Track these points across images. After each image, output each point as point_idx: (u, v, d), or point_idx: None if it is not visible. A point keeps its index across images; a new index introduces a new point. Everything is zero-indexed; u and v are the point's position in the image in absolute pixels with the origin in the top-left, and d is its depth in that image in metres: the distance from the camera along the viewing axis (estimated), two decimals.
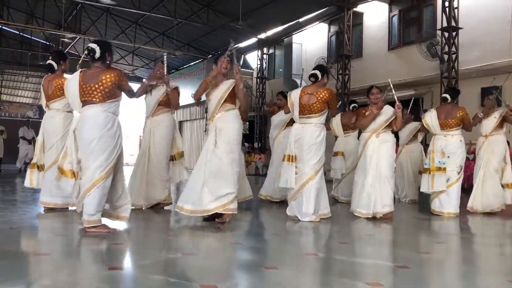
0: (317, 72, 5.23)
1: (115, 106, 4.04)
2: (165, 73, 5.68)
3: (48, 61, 5.37)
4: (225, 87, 4.78)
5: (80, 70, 4.15)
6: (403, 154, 7.88)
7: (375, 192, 5.46)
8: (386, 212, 5.48)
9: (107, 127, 3.92)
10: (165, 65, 5.68)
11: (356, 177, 5.73)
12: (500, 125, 6.50)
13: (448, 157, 5.98)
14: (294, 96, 5.26)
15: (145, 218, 5.16)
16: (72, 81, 4.10)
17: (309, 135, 5.09)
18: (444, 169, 5.95)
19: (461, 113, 6.06)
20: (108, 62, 4.10)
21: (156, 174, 5.65)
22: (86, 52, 4.02)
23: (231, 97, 4.78)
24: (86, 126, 3.94)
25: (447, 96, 6.24)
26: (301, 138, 5.11)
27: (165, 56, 5.79)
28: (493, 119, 6.51)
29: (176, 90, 5.81)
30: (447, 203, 5.96)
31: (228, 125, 4.68)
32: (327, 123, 7.11)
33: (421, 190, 6.28)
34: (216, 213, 4.57)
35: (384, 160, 5.53)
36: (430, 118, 6.19)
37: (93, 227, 3.92)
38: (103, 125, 3.91)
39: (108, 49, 4.09)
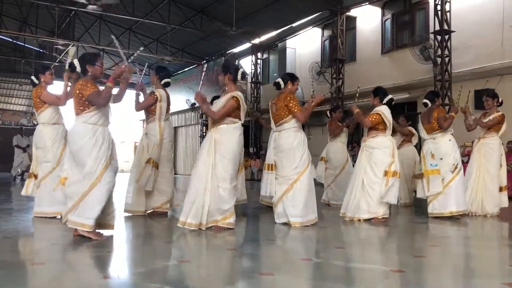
0: (280, 80, 5.33)
1: (94, 116, 4.02)
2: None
3: (31, 77, 5.56)
4: (224, 100, 4.74)
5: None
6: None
7: (360, 196, 5.57)
8: (373, 217, 5.53)
9: (80, 137, 3.99)
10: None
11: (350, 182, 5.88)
12: (495, 129, 6.51)
13: (441, 159, 6.02)
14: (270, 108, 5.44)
15: (140, 225, 5.14)
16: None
17: (284, 140, 5.13)
18: (438, 170, 5.98)
19: (435, 114, 6.13)
20: (90, 73, 4.13)
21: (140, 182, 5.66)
22: (69, 69, 4.31)
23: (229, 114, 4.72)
24: (69, 139, 4.13)
25: (427, 101, 6.36)
26: (279, 145, 5.17)
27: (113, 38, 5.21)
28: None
29: (151, 94, 5.73)
30: (447, 203, 5.95)
31: (225, 138, 4.64)
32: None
33: (418, 196, 6.31)
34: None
35: (369, 166, 5.61)
36: (419, 124, 6.33)
37: (86, 231, 3.94)
38: (77, 136, 4.00)
39: (87, 62, 4.14)
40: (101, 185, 3.94)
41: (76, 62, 4.15)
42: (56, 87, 5.70)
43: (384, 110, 5.72)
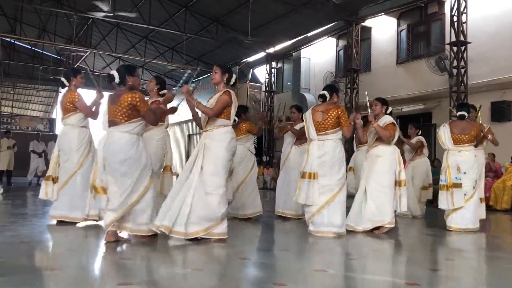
0: (325, 92, 5.33)
1: (138, 127, 4.20)
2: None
3: (61, 78, 5.57)
4: (215, 97, 4.59)
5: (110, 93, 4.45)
6: (408, 169, 7.85)
7: (362, 206, 5.53)
8: (376, 227, 5.49)
9: (133, 148, 4.12)
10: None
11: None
12: (480, 141, 6.40)
13: (465, 173, 5.89)
14: (308, 116, 5.34)
15: None
16: (105, 103, 4.46)
17: (332, 151, 5.15)
18: (461, 184, 5.87)
19: (474, 131, 5.98)
20: (130, 83, 4.25)
21: None
22: (107, 79, 4.30)
23: (222, 112, 4.50)
24: (110, 150, 4.14)
25: (465, 113, 6.11)
26: (324, 155, 5.14)
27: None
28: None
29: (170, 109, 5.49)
30: (466, 218, 5.86)
31: (215, 144, 4.43)
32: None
33: (441, 207, 6.05)
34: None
35: (372, 175, 5.57)
36: (444, 133, 6.08)
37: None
38: (127, 147, 4.10)
39: (128, 72, 4.28)
40: (150, 192, 4.23)
41: (115, 74, 4.23)
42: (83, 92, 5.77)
43: (392, 120, 5.73)
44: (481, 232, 6.00)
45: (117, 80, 4.23)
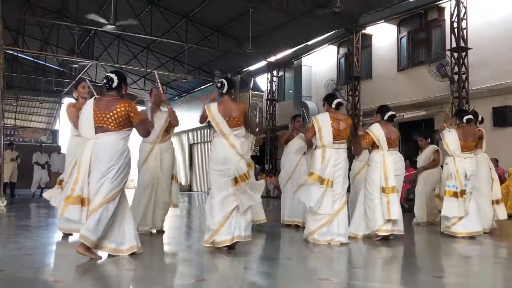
0: (342, 100, 5.41)
1: (129, 136, 4.13)
2: (161, 91, 5.75)
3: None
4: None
5: (94, 97, 4.24)
6: (420, 177, 7.83)
7: (356, 213, 5.68)
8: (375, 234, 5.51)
9: (124, 155, 3.98)
10: (159, 84, 5.77)
11: None
12: (479, 145, 6.42)
13: (469, 179, 5.90)
14: (323, 121, 5.18)
15: (155, 243, 5.16)
16: (86, 108, 4.09)
17: (344, 160, 5.22)
18: (465, 191, 5.88)
19: (476, 136, 6.01)
20: (124, 92, 4.20)
21: (162, 198, 5.67)
22: (104, 81, 4.11)
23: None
24: (103, 154, 3.91)
25: (472, 117, 6.07)
26: (340, 163, 5.17)
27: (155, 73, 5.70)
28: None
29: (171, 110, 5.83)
30: (470, 223, 5.84)
31: (211, 152, 4.70)
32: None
33: (451, 215, 5.86)
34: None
35: (364, 182, 5.70)
36: (451, 139, 6.00)
37: (84, 246, 3.78)
38: (120, 152, 3.95)
39: (124, 80, 4.22)
40: (112, 203, 3.88)
41: (115, 78, 4.08)
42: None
43: (372, 128, 5.62)
44: (486, 238, 5.97)
45: (114, 84, 4.08)
